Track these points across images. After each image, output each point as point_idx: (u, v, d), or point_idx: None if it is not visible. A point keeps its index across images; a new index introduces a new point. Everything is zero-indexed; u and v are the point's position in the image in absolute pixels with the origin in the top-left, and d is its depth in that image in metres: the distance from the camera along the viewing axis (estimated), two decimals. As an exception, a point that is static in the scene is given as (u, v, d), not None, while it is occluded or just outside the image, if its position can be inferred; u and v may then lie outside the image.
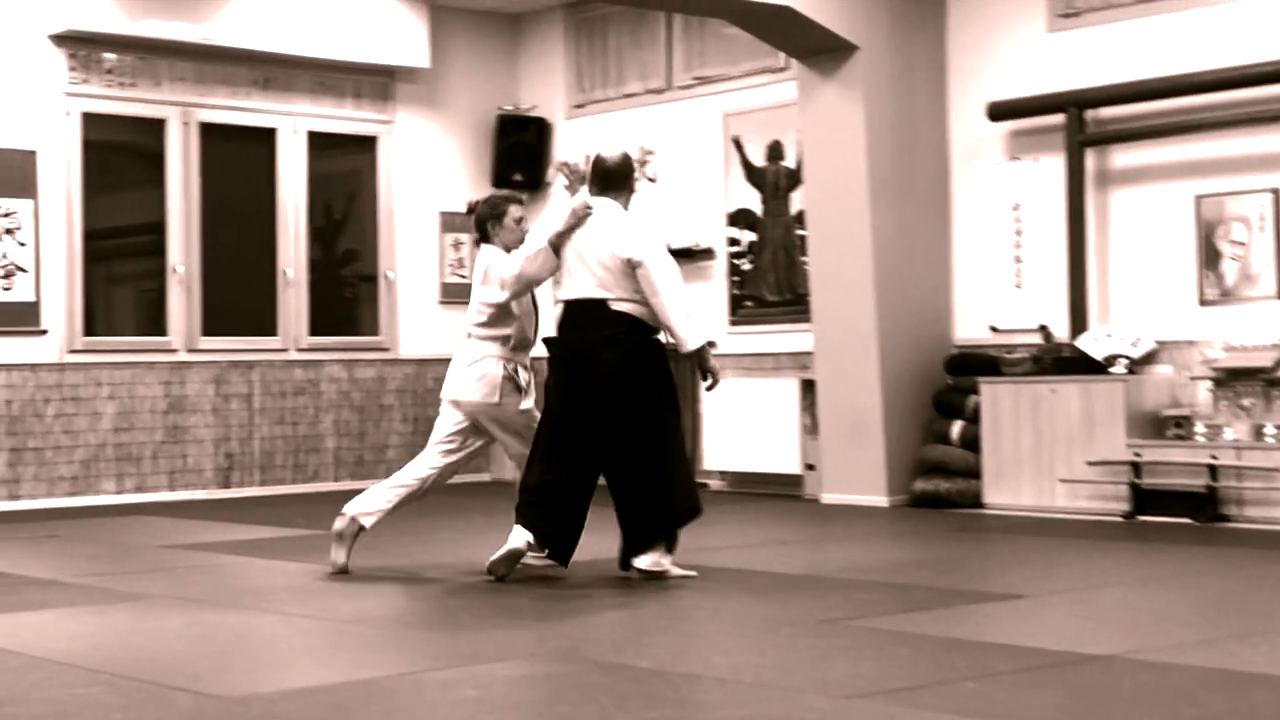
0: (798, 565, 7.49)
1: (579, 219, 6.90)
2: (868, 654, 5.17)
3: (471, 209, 7.55)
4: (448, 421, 7.27)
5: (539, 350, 7.28)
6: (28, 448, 10.98)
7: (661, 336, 6.94)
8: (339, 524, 7.25)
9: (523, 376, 7.22)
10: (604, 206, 6.96)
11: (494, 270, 7.17)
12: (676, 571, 6.93)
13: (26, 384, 10.98)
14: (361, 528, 7.23)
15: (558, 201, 7.34)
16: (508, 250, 7.21)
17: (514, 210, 7.33)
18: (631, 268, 6.80)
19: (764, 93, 11.55)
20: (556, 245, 6.92)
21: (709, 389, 7.06)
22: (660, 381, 6.93)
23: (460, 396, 7.20)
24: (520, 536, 6.85)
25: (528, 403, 7.20)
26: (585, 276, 6.87)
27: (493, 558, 6.88)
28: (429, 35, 12.55)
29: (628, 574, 6.92)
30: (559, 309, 7.00)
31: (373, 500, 7.23)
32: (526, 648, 5.33)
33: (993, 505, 9.80)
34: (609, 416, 6.80)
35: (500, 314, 7.19)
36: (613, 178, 7.06)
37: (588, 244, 6.87)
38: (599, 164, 7.10)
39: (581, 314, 6.88)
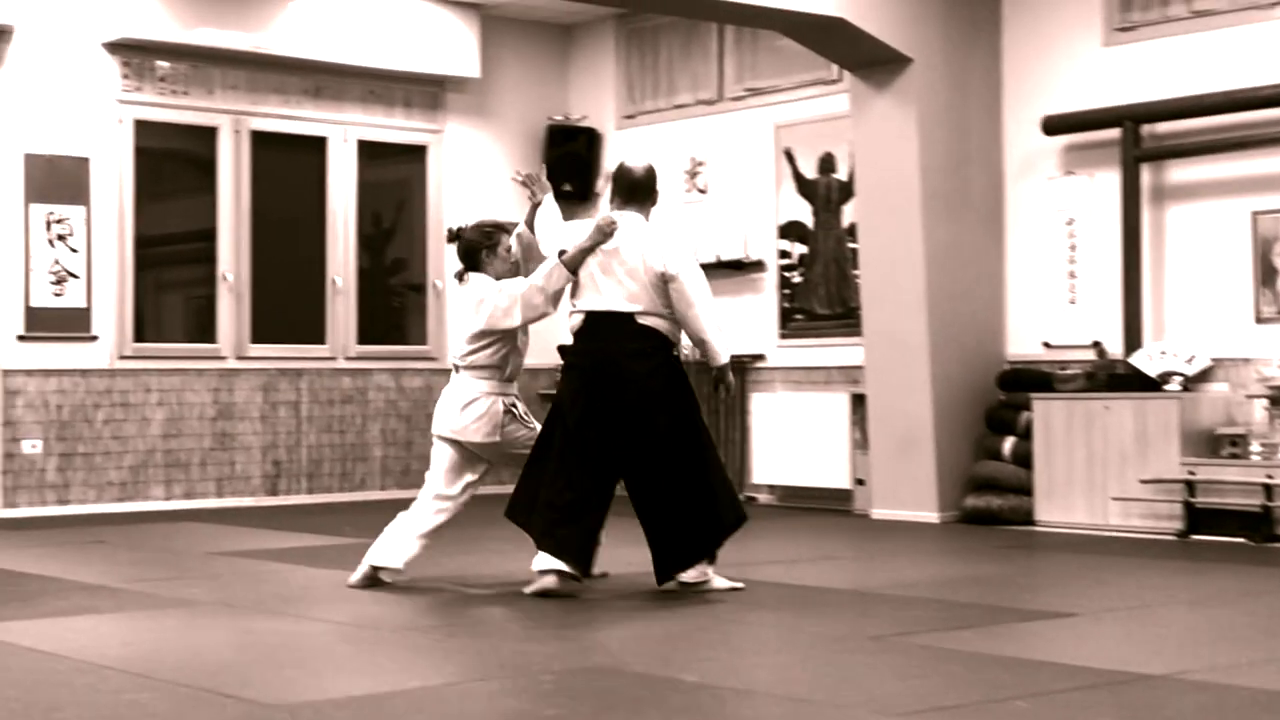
0: (847, 581, 7.48)
1: (605, 235, 6.84)
2: (916, 671, 5.17)
3: (456, 235, 7.43)
4: (444, 458, 7.18)
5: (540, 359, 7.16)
6: (77, 453, 11.07)
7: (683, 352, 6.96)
8: (357, 578, 7.17)
9: (519, 407, 7.19)
10: (629, 219, 6.94)
11: (491, 301, 7.03)
12: (724, 583, 6.93)
13: (77, 389, 11.07)
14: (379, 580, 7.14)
15: (549, 214, 7.20)
16: (498, 280, 7.13)
17: (506, 240, 7.23)
18: (664, 281, 6.80)
19: (816, 104, 11.55)
20: (575, 263, 6.87)
21: (724, 401, 7.04)
22: (688, 395, 6.94)
23: (462, 437, 7.11)
24: (547, 562, 6.76)
25: (528, 431, 7.14)
26: (612, 288, 6.83)
27: (529, 590, 6.83)
28: (480, 45, 12.60)
29: (666, 587, 6.90)
30: (578, 319, 6.92)
31: (397, 552, 7.12)
32: (573, 659, 5.34)
33: (1045, 523, 9.76)
34: (640, 430, 6.77)
35: (494, 346, 7.11)
36: (639, 189, 7.03)
37: (614, 256, 6.85)
38: (625, 175, 7.05)
39: (606, 326, 6.84)
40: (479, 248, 7.23)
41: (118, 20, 11.14)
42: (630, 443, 6.78)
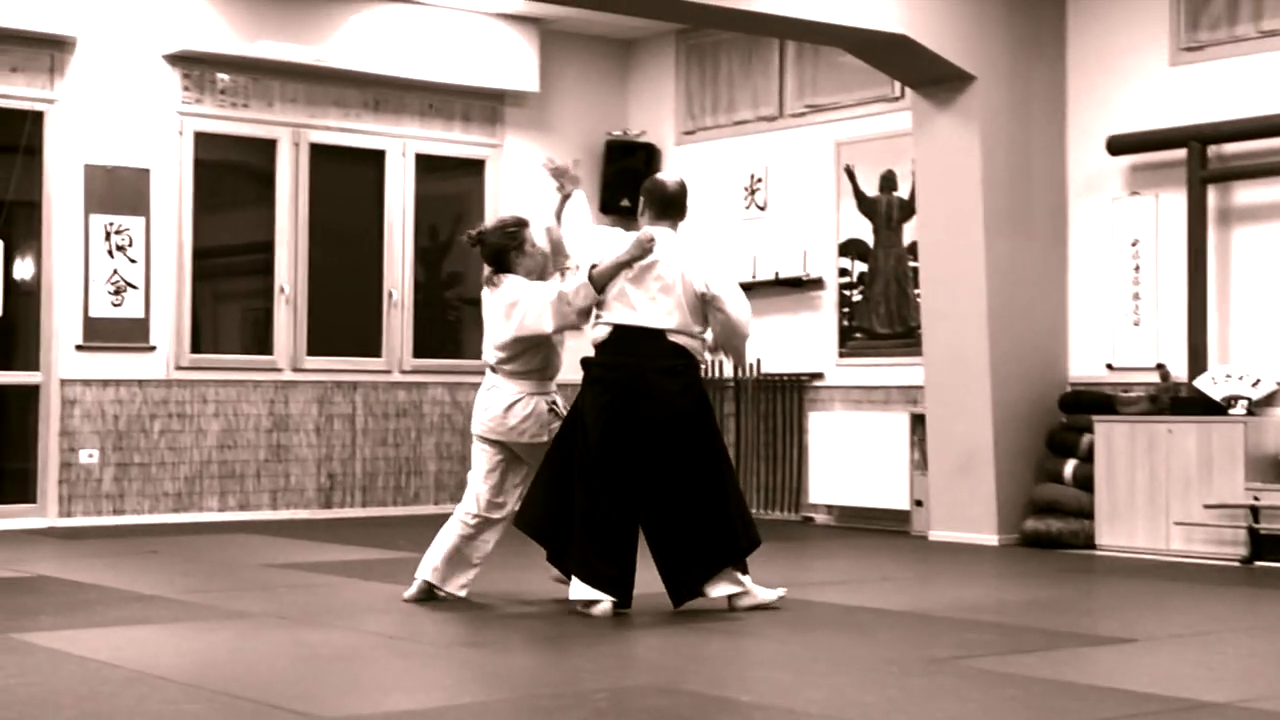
0: (904, 602, 7.44)
1: (643, 252, 6.81)
2: (974, 695, 5.14)
3: (478, 239, 7.42)
4: (489, 461, 7.13)
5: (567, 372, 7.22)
6: (133, 463, 11.16)
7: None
8: (412, 593, 7.18)
9: (560, 405, 7.17)
10: (663, 235, 6.93)
11: (523, 307, 7.03)
12: (769, 594, 6.90)
13: (134, 399, 11.16)
14: (438, 591, 7.15)
15: (579, 210, 7.20)
16: (529, 276, 7.15)
17: (529, 234, 7.23)
18: (703, 301, 6.81)
19: (877, 122, 11.53)
20: (604, 279, 6.82)
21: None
22: (712, 415, 6.95)
23: (509, 438, 7.07)
24: (588, 593, 6.73)
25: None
26: (644, 304, 6.81)
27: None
28: (539, 59, 12.64)
29: (695, 606, 6.90)
30: (604, 331, 6.89)
31: (457, 579, 7.13)
32: (626, 678, 5.34)
33: (1106, 547, 9.69)
34: (665, 448, 6.75)
35: (533, 350, 7.09)
36: (673, 204, 7.03)
37: (649, 271, 6.83)
38: (659, 190, 7.03)
39: (636, 341, 6.81)
40: (506, 248, 7.24)
41: (179, 32, 11.24)
42: (653, 460, 6.75)
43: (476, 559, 7.15)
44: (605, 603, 6.70)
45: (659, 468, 6.75)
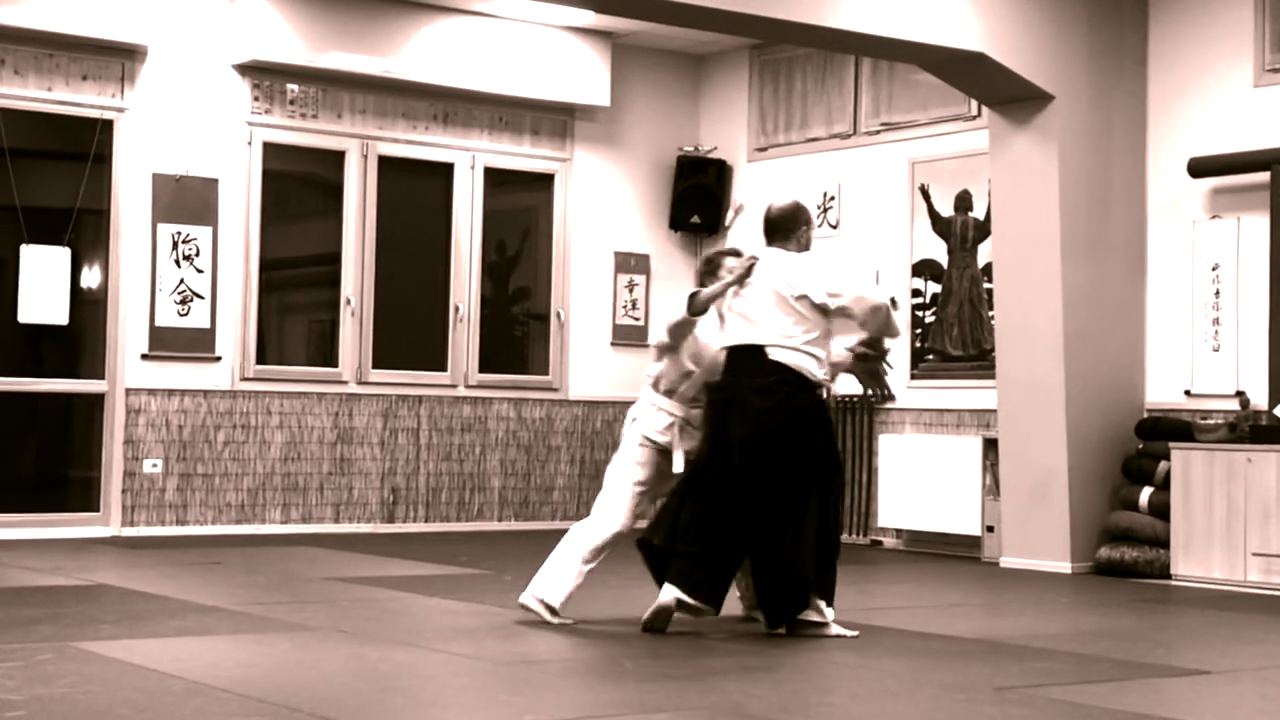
0: (973, 629, 7.41)
1: (743, 274, 6.98)
2: (1044, 724, 5.11)
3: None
4: (654, 467, 7.26)
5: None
6: (197, 473, 11.26)
7: (821, 392, 6.97)
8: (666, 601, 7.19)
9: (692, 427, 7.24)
10: (770, 255, 7.07)
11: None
12: (839, 630, 6.89)
13: (199, 410, 11.26)
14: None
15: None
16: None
17: (729, 262, 7.32)
18: (829, 312, 6.95)
19: (953, 141, 11.50)
20: (702, 303, 6.97)
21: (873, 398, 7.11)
22: (809, 438, 6.91)
23: (674, 446, 7.21)
24: (670, 593, 6.84)
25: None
26: (743, 323, 6.98)
27: (647, 613, 6.90)
28: (610, 73, 12.69)
29: (756, 622, 7.00)
30: (723, 354, 7.07)
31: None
32: (690, 700, 5.34)
33: (1181, 577, 9.61)
34: (747, 466, 6.81)
35: (670, 365, 7.24)
36: (774, 227, 7.17)
37: (753, 291, 6.97)
38: (765, 213, 7.24)
39: (739, 360, 6.98)
40: (701, 275, 7.43)
41: (249, 43, 11.35)
42: (743, 478, 6.80)
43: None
44: (670, 599, 6.78)
45: (748, 486, 6.83)
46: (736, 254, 7.41)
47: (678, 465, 7.12)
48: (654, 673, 5.90)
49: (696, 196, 13.11)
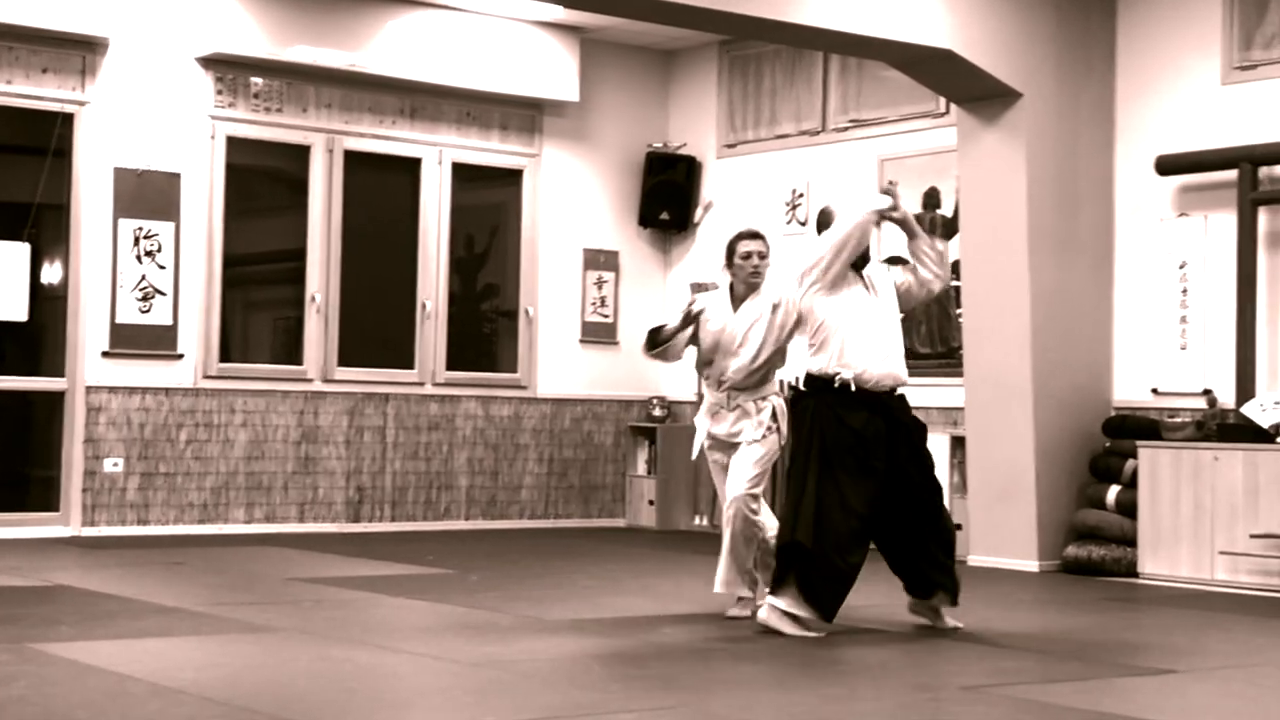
0: (940, 629, 7.42)
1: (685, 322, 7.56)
2: (1009, 724, 5.14)
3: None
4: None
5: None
6: (159, 473, 11.22)
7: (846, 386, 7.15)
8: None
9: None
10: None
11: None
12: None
13: (161, 408, 11.23)
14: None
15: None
16: (732, 290, 7.54)
17: (741, 246, 7.51)
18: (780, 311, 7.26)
19: (921, 138, 11.53)
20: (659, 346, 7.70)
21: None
22: (800, 443, 7.10)
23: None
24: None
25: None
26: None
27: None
28: (579, 68, 12.68)
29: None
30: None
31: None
32: (654, 700, 5.35)
33: (1148, 575, 9.66)
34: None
35: None
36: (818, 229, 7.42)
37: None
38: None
39: None
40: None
41: (212, 35, 11.32)
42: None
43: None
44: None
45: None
46: (755, 236, 7.54)
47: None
48: (619, 673, 5.91)
49: (666, 193, 13.12)
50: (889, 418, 7.12)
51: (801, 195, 12.33)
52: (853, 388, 7.04)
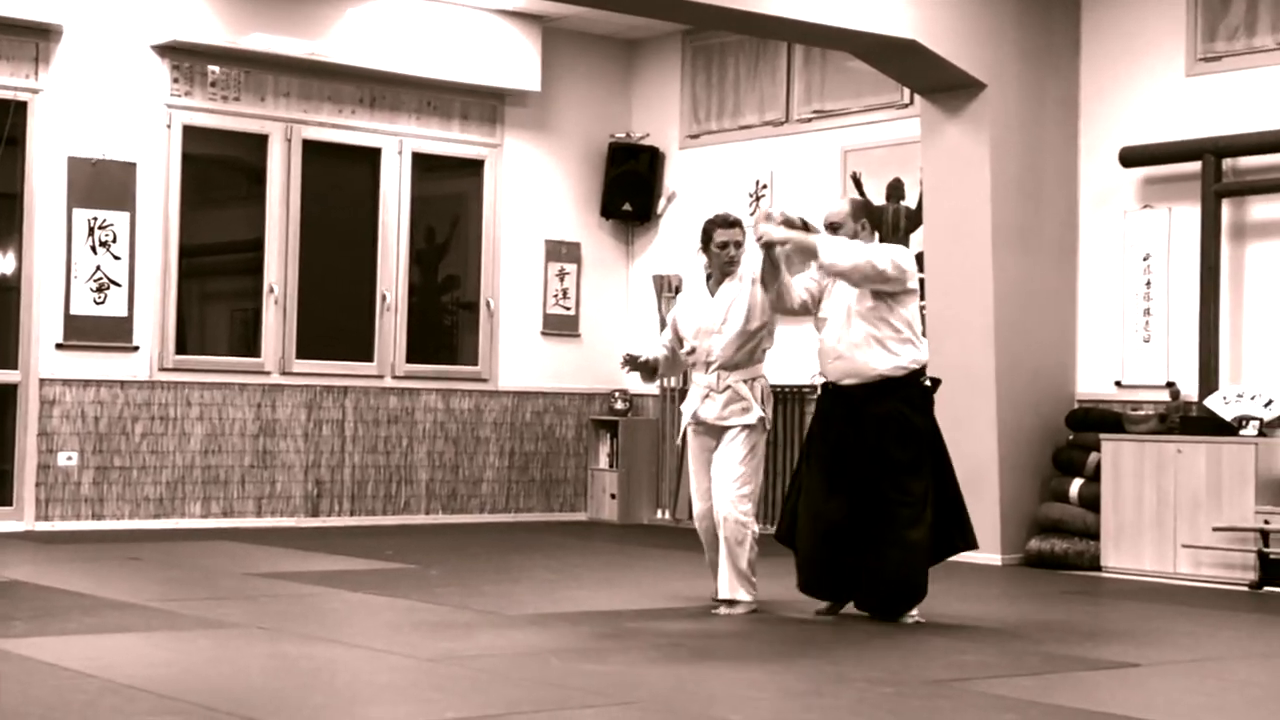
0: (903, 622, 7.45)
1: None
2: (971, 718, 5.15)
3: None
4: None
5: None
6: (114, 466, 11.17)
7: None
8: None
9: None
10: None
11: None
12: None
13: (116, 401, 11.17)
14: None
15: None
16: (708, 274, 7.69)
17: (719, 235, 7.60)
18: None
19: (885, 129, 11.56)
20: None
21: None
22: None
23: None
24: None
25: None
26: None
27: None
28: (541, 58, 12.67)
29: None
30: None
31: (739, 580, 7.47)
32: (616, 696, 5.36)
33: (1111, 568, 9.71)
34: None
35: None
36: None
37: None
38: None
39: None
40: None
41: (168, 23, 11.26)
42: None
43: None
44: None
45: None
46: (732, 224, 7.58)
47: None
48: (580, 668, 5.91)
49: (628, 184, 13.11)
50: (851, 411, 7.32)
51: (765, 186, 12.34)
52: (829, 386, 7.49)
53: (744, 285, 7.55)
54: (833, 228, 7.53)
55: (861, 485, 7.26)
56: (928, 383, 7.44)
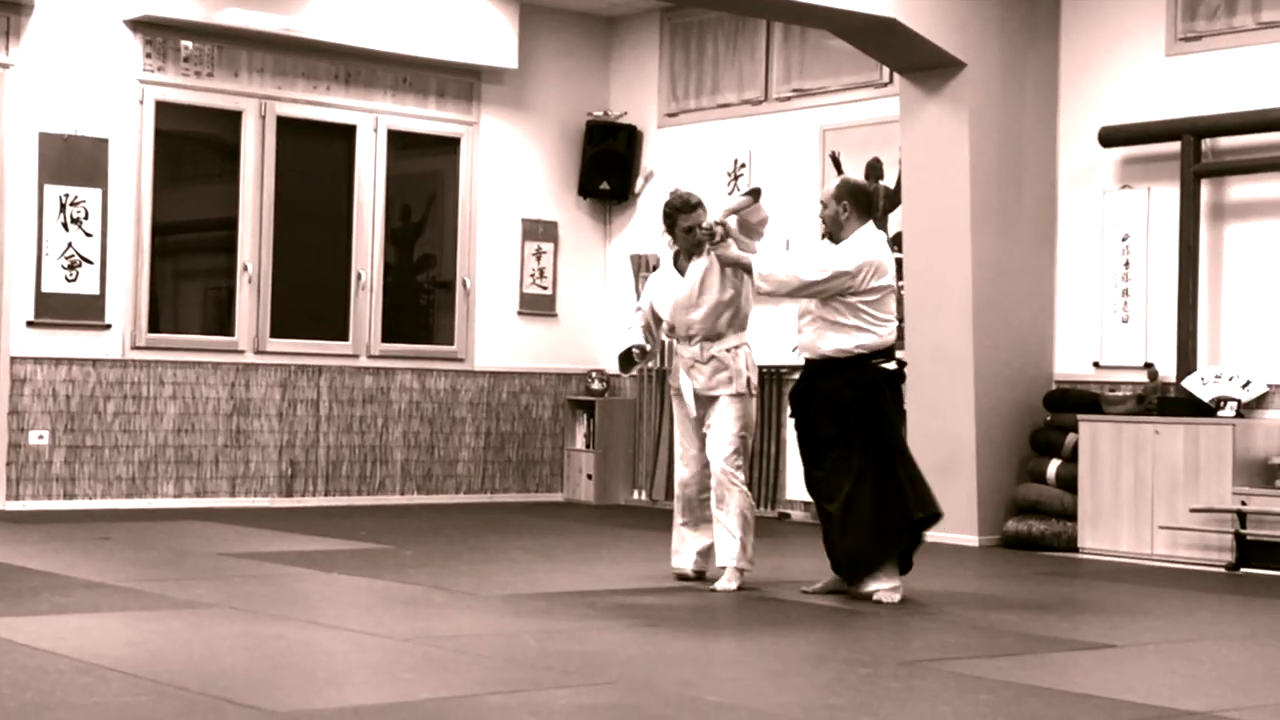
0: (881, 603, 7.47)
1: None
2: (948, 699, 5.17)
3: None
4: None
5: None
6: (85, 445, 11.14)
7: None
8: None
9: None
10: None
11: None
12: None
13: (87, 380, 11.14)
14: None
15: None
16: (676, 256, 7.83)
17: (682, 220, 7.70)
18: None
19: (864, 108, 11.55)
20: None
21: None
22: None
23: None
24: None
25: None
26: None
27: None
28: (518, 35, 12.63)
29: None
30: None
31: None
32: (592, 675, 5.36)
33: (1088, 550, 9.74)
34: None
35: None
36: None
37: None
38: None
39: None
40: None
41: (143, -2, 11.22)
42: None
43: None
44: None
45: None
46: (692, 208, 7.68)
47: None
48: (555, 649, 5.91)
49: (606, 163, 13.10)
50: (806, 386, 7.59)
51: (744, 165, 12.33)
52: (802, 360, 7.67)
53: (707, 259, 7.67)
54: (821, 207, 7.61)
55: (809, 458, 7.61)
56: (890, 366, 7.41)
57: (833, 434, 7.41)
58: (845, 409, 7.38)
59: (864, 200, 7.53)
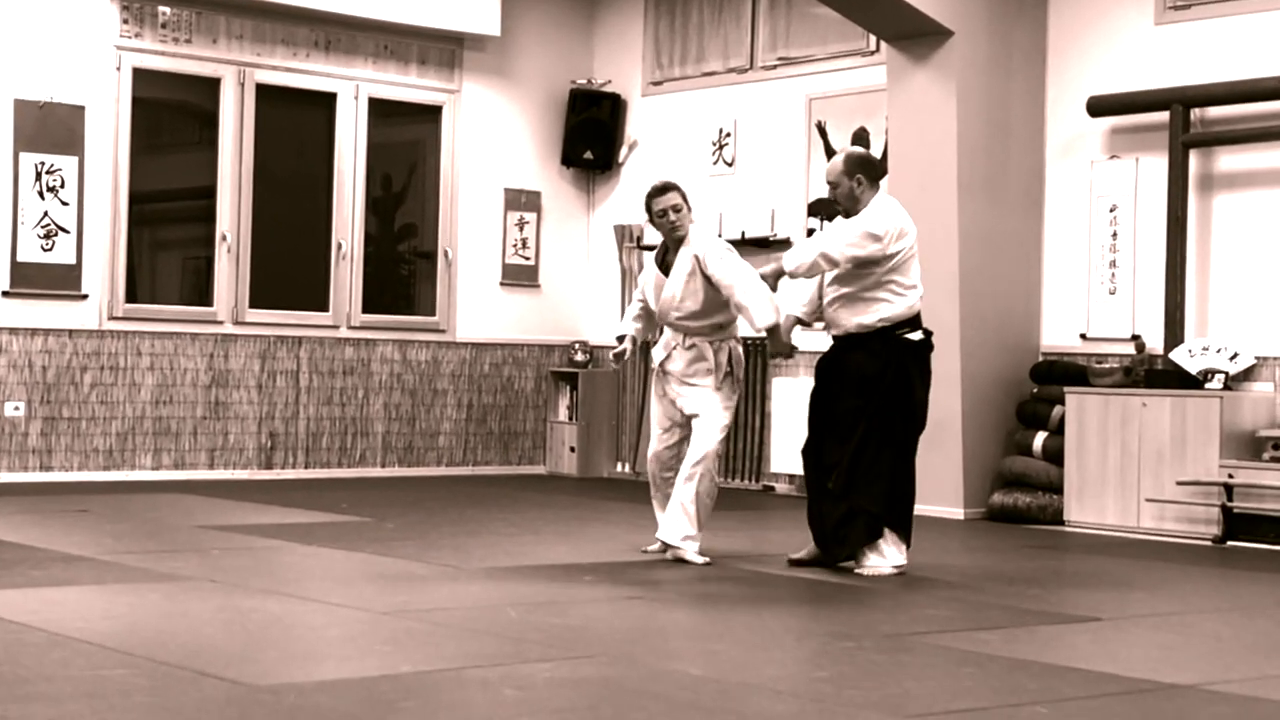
0: (865, 576, 7.49)
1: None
2: (932, 672, 5.19)
3: None
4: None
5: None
6: (62, 417, 11.12)
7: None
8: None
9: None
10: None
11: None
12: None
13: (64, 350, 11.12)
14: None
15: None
16: (664, 245, 7.81)
17: (655, 204, 7.66)
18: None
19: (850, 76, 11.54)
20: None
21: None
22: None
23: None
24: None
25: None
26: None
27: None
28: (500, 2, 12.59)
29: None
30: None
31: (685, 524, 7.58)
32: (575, 649, 5.37)
33: (1074, 523, 9.76)
34: None
35: None
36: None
37: None
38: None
39: None
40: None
41: (119, -36, 11.16)
42: None
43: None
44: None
45: None
46: (666, 190, 7.65)
47: None
48: (537, 622, 5.92)
49: (590, 131, 13.07)
50: (831, 361, 7.62)
51: (729, 135, 12.32)
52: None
53: (688, 252, 7.61)
54: (831, 186, 7.55)
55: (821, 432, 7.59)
56: (915, 336, 7.44)
57: (854, 406, 7.39)
58: (867, 381, 7.38)
59: (874, 170, 7.56)
